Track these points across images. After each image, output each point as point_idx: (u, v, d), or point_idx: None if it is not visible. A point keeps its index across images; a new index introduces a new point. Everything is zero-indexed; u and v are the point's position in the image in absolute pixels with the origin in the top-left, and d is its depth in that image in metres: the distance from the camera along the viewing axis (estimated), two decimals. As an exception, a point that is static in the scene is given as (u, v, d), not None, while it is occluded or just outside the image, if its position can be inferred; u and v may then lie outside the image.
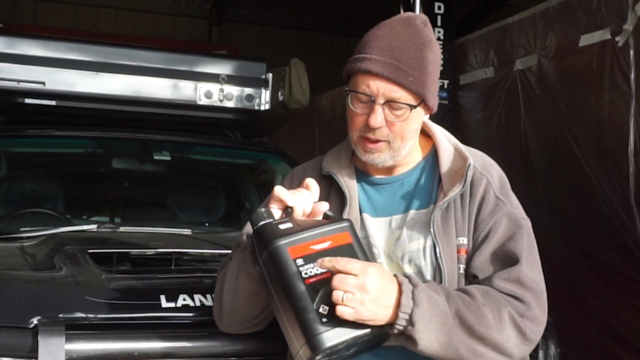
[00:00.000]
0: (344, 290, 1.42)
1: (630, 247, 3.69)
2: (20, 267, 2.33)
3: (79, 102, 3.64)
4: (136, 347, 1.87)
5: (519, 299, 1.57)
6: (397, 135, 1.66)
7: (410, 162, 1.78)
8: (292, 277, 1.51)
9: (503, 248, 1.65)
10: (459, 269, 1.65)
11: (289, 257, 1.52)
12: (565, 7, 4.14)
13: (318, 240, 1.56)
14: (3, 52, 3.50)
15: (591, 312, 3.90)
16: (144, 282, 2.14)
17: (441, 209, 1.67)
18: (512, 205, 1.71)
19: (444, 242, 1.65)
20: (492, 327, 1.51)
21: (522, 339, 1.56)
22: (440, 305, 1.49)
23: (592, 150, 3.92)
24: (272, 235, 1.55)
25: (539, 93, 4.34)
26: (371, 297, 1.44)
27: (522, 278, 1.59)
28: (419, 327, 1.47)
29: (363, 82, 1.64)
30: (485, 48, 4.88)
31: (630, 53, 3.66)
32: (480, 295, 1.55)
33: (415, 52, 1.65)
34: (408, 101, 1.63)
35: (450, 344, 1.49)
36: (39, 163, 3.72)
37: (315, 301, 1.49)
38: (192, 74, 3.74)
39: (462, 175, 1.69)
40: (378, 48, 1.65)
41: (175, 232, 3.05)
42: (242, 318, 1.79)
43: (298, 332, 1.50)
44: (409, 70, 1.63)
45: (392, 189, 1.77)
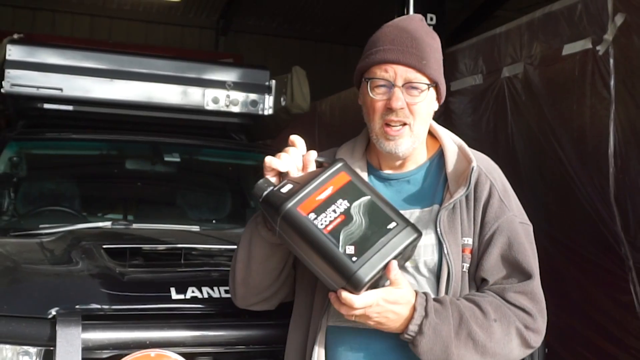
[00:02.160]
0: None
1: (610, 243, 3.69)
2: (39, 262, 2.33)
3: (94, 107, 3.65)
4: (148, 336, 1.87)
5: (528, 312, 1.61)
6: (416, 117, 1.68)
7: (418, 160, 1.78)
8: (311, 233, 1.51)
9: (512, 254, 1.65)
10: (462, 267, 1.66)
11: (302, 216, 1.52)
12: (549, 18, 4.15)
13: (320, 190, 1.56)
14: (24, 61, 3.50)
15: (573, 303, 3.90)
16: (155, 276, 2.14)
17: (447, 209, 1.67)
18: (512, 211, 1.71)
19: (451, 241, 1.65)
20: (500, 342, 1.58)
21: (525, 347, 1.63)
22: (443, 337, 1.53)
23: (575, 152, 3.92)
24: (278, 201, 1.55)
25: (525, 99, 4.34)
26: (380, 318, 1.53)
27: (533, 293, 1.64)
28: (421, 350, 1.53)
29: (380, 71, 1.67)
30: (475, 57, 4.89)
31: (610, 61, 3.67)
32: (492, 311, 1.58)
33: (422, 41, 1.69)
34: (424, 82, 1.67)
35: (449, 357, 1.55)
36: (57, 164, 3.72)
37: (339, 245, 1.49)
38: (200, 81, 3.74)
39: (467, 177, 1.68)
40: (388, 42, 1.68)
41: (184, 228, 3.05)
42: (255, 289, 1.77)
43: (336, 276, 1.50)
44: (420, 54, 1.67)
45: (399, 184, 1.76)
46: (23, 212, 3.22)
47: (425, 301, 1.54)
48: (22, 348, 1.86)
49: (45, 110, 3.62)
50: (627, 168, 3.60)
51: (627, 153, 3.61)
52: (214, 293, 2.01)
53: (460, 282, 1.64)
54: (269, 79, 3.88)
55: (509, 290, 1.62)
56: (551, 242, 4.01)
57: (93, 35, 10.05)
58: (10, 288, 1.99)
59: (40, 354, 1.86)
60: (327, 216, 1.52)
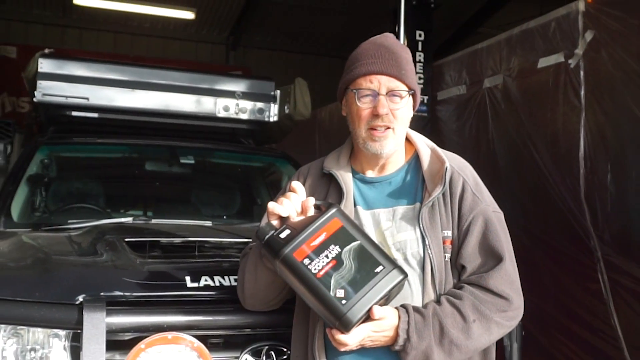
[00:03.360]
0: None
1: (580, 236, 3.70)
2: (67, 253, 2.33)
3: (117, 114, 3.65)
4: (165, 320, 1.88)
5: (505, 297, 1.63)
6: (398, 121, 1.70)
7: (397, 163, 1.79)
8: (305, 277, 1.54)
9: (485, 241, 1.67)
10: (444, 257, 1.67)
11: (297, 261, 1.55)
12: (525, 34, 4.15)
13: (315, 236, 1.58)
14: (54, 73, 3.51)
15: (547, 291, 3.90)
16: (171, 266, 2.14)
17: (427, 207, 1.68)
18: (485, 202, 1.73)
19: (432, 235, 1.67)
20: (480, 338, 1.61)
21: (503, 331, 1.66)
22: (424, 350, 1.57)
23: (549, 155, 3.92)
24: (277, 246, 1.57)
25: (504, 107, 4.34)
26: (377, 344, 1.59)
27: (508, 276, 1.65)
28: (408, 359, 1.58)
29: (365, 82, 1.69)
30: (459, 69, 4.89)
31: (581, 73, 3.67)
32: (471, 313, 1.60)
33: (399, 54, 1.72)
34: (403, 90, 1.69)
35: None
36: (84, 166, 3.72)
37: (330, 289, 1.51)
38: (212, 91, 3.75)
39: (442, 176, 1.69)
40: (370, 56, 1.71)
41: (198, 223, 3.05)
42: (262, 300, 1.82)
43: (328, 315, 1.52)
44: (399, 65, 1.70)
45: (382, 186, 1.78)
46: (53, 209, 3.22)
47: (407, 323, 1.57)
48: (53, 331, 1.87)
49: (73, 118, 3.63)
50: (595, 169, 3.61)
51: (595, 156, 3.61)
52: (225, 281, 2.01)
53: (443, 271, 1.66)
54: (274, 89, 3.89)
55: (488, 278, 1.63)
56: (527, 235, 4.01)
57: (116, 50, 10.05)
58: (42, 277, 1.99)
59: (69, 336, 1.87)
60: (319, 261, 1.54)
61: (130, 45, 10.28)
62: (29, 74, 3.63)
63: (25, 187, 3.16)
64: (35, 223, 2.92)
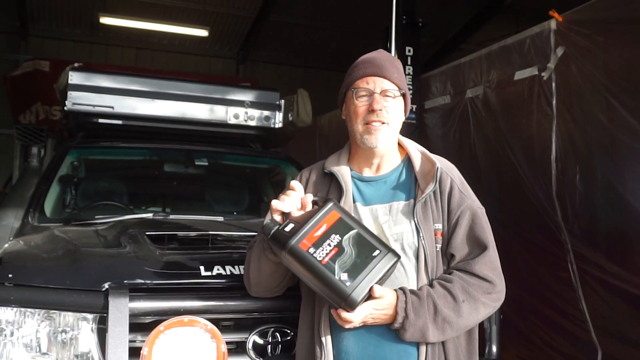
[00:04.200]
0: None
1: (552, 230, 3.70)
2: (94, 245, 2.33)
3: (139, 121, 3.65)
4: (182, 305, 1.88)
5: (489, 281, 1.65)
6: (391, 116, 1.74)
7: (391, 165, 1.81)
8: (312, 264, 1.55)
9: (472, 233, 1.70)
10: (436, 247, 1.69)
11: (303, 251, 1.56)
12: (503, 50, 4.15)
13: (317, 228, 1.60)
14: (82, 84, 3.51)
15: (523, 279, 3.91)
16: (187, 257, 2.14)
17: (421, 203, 1.70)
18: (471, 198, 1.76)
19: (425, 227, 1.68)
20: (469, 316, 1.63)
21: (488, 311, 1.67)
22: (420, 327, 1.59)
23: (524, 157, 3.93)
24: (283, 239, 1.59)
25: (484, 115, 4.35)
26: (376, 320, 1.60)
27: (492, 263, 1.67)
28: (405, 338, 1.60)
29: (362, 83, 1.75)
30: (444, 81, 4.89)
31: (553, 85, 3.68)
32: (460, 294, 1.61)
33: (391, 62, 1.79)
34: (394, 90, 1.75)
35: (427, 339, 1.61)
36: (109, 167, 3.73)
37: (335, 273, 1.53)
38: (224, 100, 3.75)
39: (433, 176, 1.72)
40: (366, 63, 1.78)
41: (211, 219, 3.04)
42: (266, 288, 1.83)
43: (334, 297, 1.54)
44: (391, 70, 1.76)
45: (378, 185, 1.79)
46: (82, 206, 3.22)
47: (405, 303, 1.59)
48: (82, 315, 1.87)
49: (100, 124, 3.63)
50: (565, 170, 3.61)
51: (566, 158, 3.62)
52: (235, 271, 2.01)
53: (435, 260, 1.68)
54: (279, 99, 3.89)
55: (474, 265, 1.65)
56: (504, 229, 4.02)
57: (138, 64, 10.05)
58: (72, 266, 1.99)
59: (96, 319, 1.87)
60: (323, 249, 1.56)
61: (151, 60, 10.28)
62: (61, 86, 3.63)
63: (56, 186, 3.16)
64: (65, 218, 2.91)
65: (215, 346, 1.85)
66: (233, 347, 1.96)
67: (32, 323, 1.87)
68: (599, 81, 3.37)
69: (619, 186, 3.26)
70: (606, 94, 3.32)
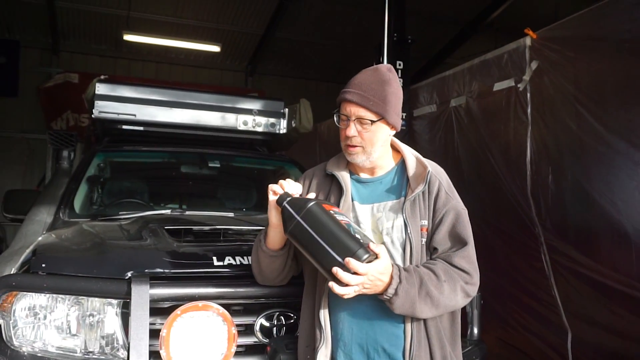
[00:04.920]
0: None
1: (527, 225, 3.70)
2: (119, 238, 2.33)
3: (158, 128, 3.65)
4: (197, 291, 1.88)
5: (467, 272, 1.64)
6: (366, 142, 1.70)
7: (386, 167, 1.80)
8: (331, 219, 1.54)
9: (454, 230, 1.68)
10: (421, 241, 1.68)
11: (325, 209, 1.57)
12: (484, 64, 4.15)
13: (331, 206, 1.63)
14: (108, 94, 3.50)
15: (501, 268, 3.91)
16: (201, 248, 2.14)
17: (410, 201, 1.69)
18: (456, 200, 1.74)
19: (412, 223, 1.67)
20: (449, 296, 1.60)
21: (466, 297, 1.65)
22: (411, 296, 1.56)
23: (502, 160, 3.93)
24: (304, 199, 1.61)
25: (467, 122, 4.34)
26: (372, 286, 1.54)
27: (470, 257, 1.66)
28: (395, 307, 1.56)
29: (343, 107, 1.71)
30: (431, 91, 4.89)
31: (528, 95, 3.67)
32: (442, 274, 1.60)
33: (377, 86, 1.69)
34: (370, 117, 1.67)
35: (414, 312, 1.58)
36: (132, 169, 3.72)
37: (352, 231, 1.53)
38: (234, 109, 3.74)
39: (424, 178, 1.71)
40: (353, 85, 1.71)
41: (223, 214, 3.04)
42: (268, 278, 1.85)
43: (346, 249, 1.50)
44: (371, 98, 1.67)
45: (374, 185, 1.79)
46: (107, 203, 3.22)
47: (399, 271, 1.56)
48: (107, 300, 1.87)
49: (123, 130, 3.62)
50: (539, 171, 3.61)
51: (539, 161, 3.62)
52: (244, 261, 2.01)
53: (420, 252, 1.67)
54: (283, 108, 3.89)
55: (454, 257, 1.64)
56: (485, 224, 4.02)
57: (157, 76, 10.04)
58: (99, 257, 2.00)
59: (120, 304, 1.87)
60: (340, 216, 1.57)
61: (169, 73, 10.27)
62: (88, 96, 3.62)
63: (85, 185, 3.15)
64: (93, 214, 2.91)
65: (226, 328, 1.86)
66: (242, 329, 1.96)
67: (63, 308, 1.87)
68: (569, 92, 3.37)
69: (587, 185, 3.26)
70: (575, 103, 3.32)
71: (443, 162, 1.88)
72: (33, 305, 1.86)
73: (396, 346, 1.64)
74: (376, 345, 1.65)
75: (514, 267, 3.84)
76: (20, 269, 2.05)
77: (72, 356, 1.85)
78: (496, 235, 3.97)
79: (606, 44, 3.13)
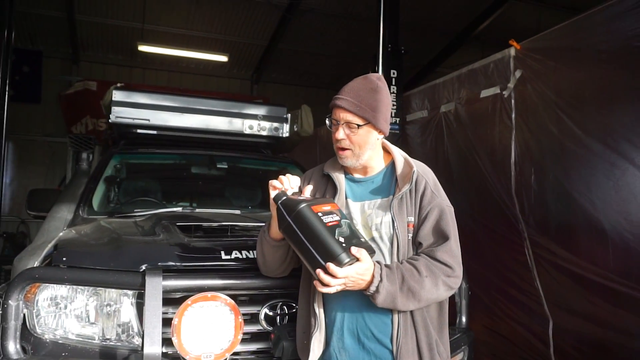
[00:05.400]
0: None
1: (511, 222, 3.70)
2: (134, 234, 2.34)
3: (170, 131, 3.65)
4: (206, 283, 1.88)
5: (449, 266, 1.62)
6: (355, 145, 1.70)
7: (377, 168, 1.80)
8: (319, 223, 1.53)
9: (438, 226, 1.67)
10: (408, 236, 1.68)
11: (314, 212, 1.55)
12: (472, 72, 4.15)
13: (324, 204, 1.61)
14: (124, 101, 3.51)
15: (488, 261, 3.91)
16: (210, 243, 2.14)
17: (397, 199, 1.69)
18: (441, 198, 1.73)
19: (399, 219, 1.67)
20: (430, 291, 1.59)
21: (449, 289, 1.64)
22: (392, 293, 1.56)
23: (489, 161, 3.93)
24: (295, 202, 1.58)
25: (456, 126, 4.34)
26: (354, 284, 1.55)
27: (452, 251, 1.65)
28: (378, 302, 1.57)
29: (334, 112, 1.71)
30: (422, 98, 4.89)
31: (512, 101, 3.67)
32: (424, 270, 1.59)
33: (366, 93, 1.69)
34: (357, 122, 1.68)
35: (396, 306, 1.59)
36: (146, 169, 3.73)
37: (335, 235, 1.52)
38: (240, 114, 3.75)
39: (410, 177, 1.70)
40: (344, 92, 1.71)
41: (230, 212, 3.05)
42: (271, 269, 1.84)
43: (329, 253, 1.50)
44: (359, 104, 1.67)
45: (366, 184, 1.79)
46: (123, 201, 3.22)
47: (380, 270, 1.57)
48: (123, 291, 1.87)
49: (138, 134, 3.63)
50: (522, 172, 3.61)
51: (522, 162, 3.61)
52: (250, 255, 2.01)
53: (406, 246, 1.67)
54: (286, 113, 3.89)
55: (437, 251, 1.63)
56: (473, 221, 4.02)
57: (170, 84, 10.04)
58: (115, 251, 2.00)
59: (135, 295, 1.88)
60: (328, 217, 1.56)
61: (180, 81, 10.26)
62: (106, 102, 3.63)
63: (102, 185, 3.16)
64: (109, 212, 2.92)
65: (233, 317, 1.86)
66: (248, 318, 1.96)
67: (82, 298, 1.88)
68: (550, 98, 3.37)
69: (567, 185, 3.26)
70: (556, 108, 3.32)
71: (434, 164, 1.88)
72: (55, 295, 1.87)
73: (384, 333, 1.65)
74: (366, 331, 1.66)
75: (499, 261, 3.84)
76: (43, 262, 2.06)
77: (90, 343, 1.85)
78: (483, 231, 3.97)
79: (584, 54, 3.13)
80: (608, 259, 3.00)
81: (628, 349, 2.91)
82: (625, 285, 2.90)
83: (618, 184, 2.92)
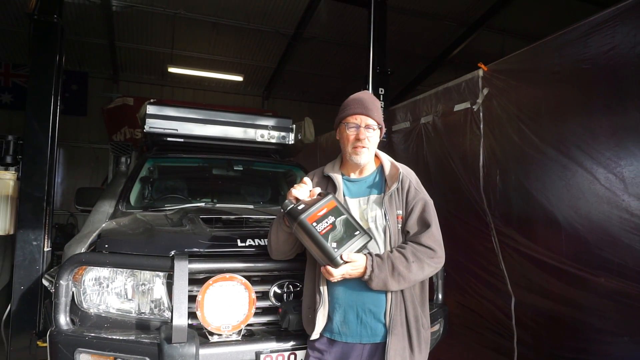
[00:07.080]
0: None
1: (480, 214, 3.70)
2: (164, 225, 2.34)
3: (195, 139, 3.65)
4: (224, 266, 1.89)
5: (432, 249, 1.64)
6: (371, 143, 1.75)
7: (370, 170, 1.82)
8: (314, 233, 1.56)
9: (422, 216, 1.69)
10: (398, 227, 1.70)
11: (309, 223, 1.57)
12: (447, 90, 4.15)
13: (319, 210, 1.60)
14: (156, 114, 3.51)
15: (461, 248, 3.91)
16: (229, 233, 2.15)
17: (388, 195, 1.71)
18: (423, 193, 1.76)
19: (390, 213, 1.69)
20: (417, 273, 1.62)
21: (434, 269, 1.66)
22: (383, 279, 1.59)
23: (461, 164, 3.93)
24: (296, 214, 1.59)
25: (434, 135, 4.34)
26: (352, 275, 1.61)
27: (434, 236, 1.67)
28: (372, 286, 1.61)
29: (352, 119, 1.73)
30: (405, 111, 4.89)
31: (480, 114, 3.67)
32: (411, 256, 1.62)
33: (372, 102, 1.76)
34: (374, 125, 1.74)
35: (387, 288, 1.61)
36: (174, 171, 3.73)
37: (328, 241, 1.54)
38: (253, 125, 3.75)
39: (397, 178, 1.71)
40: (355, 103, 1.75)
41: (245, 207, 3.05)
42: (281, 252, 1.84)
43: (325, 258, 1.55)
44: (373, 109, 1.73)
45: (360, 183, 1.80)
46: (155, 198, 3.23)
47: (372, 261, 1.60)
48: (156, 273, 1.88)
49: (168, 141, 3.63)
50: (489, 173, 3.61)
51: (489, 165, 3.61)
52: (262, 242, 2.02)
53: (396, 235, 1.68)
54: (291, 124, 3.89)
55: (421, 237, 1.65)
56: (448, 214, 4.01)
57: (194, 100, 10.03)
58: (149, 239, 2.00)
59: (165, 276, 1.88)
60: (322, 225, 1.57)
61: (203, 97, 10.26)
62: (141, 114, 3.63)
63: (138, 184, 3.16)
64: (144, 207, 2.92)
65: (247, 294, 1.87)
66: (260, 295, 1.97)
67: (121, 279, 1.88)
68: (513, 112, 3.37)
69: (526, 184, 3.26)
70: (517, 120, 3.32)
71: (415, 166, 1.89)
72: (98, 276, 1.87)
73: (379, 307, 1.66)
74: (364, 307, 1.67)
75: (470, 247, 3.84)
76: (89, 248, 2.06)
77: (128, 316, 1.86)
78: (456, 223, 3.97)
79: (541, 75, 3.14)
80: (561, 246, 3.00)
81: (577, 320, 2.92)
82: (575, 267, 2.91)
83: (569, 184, 2.92)
